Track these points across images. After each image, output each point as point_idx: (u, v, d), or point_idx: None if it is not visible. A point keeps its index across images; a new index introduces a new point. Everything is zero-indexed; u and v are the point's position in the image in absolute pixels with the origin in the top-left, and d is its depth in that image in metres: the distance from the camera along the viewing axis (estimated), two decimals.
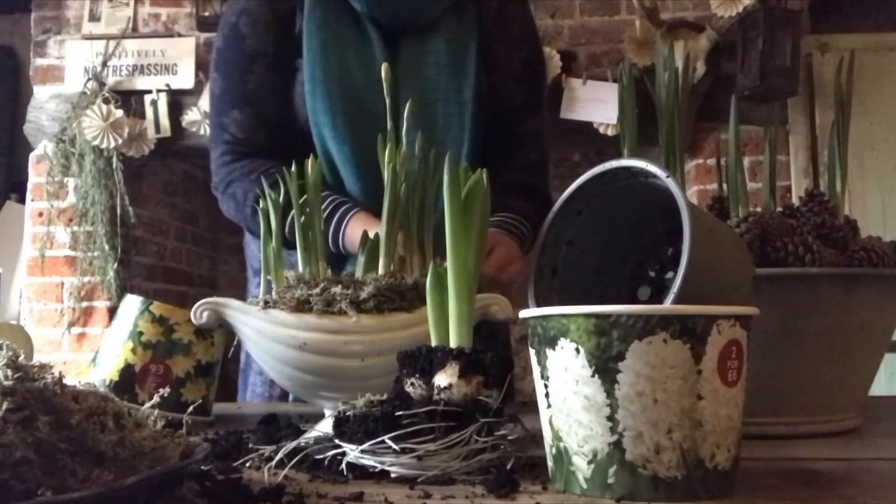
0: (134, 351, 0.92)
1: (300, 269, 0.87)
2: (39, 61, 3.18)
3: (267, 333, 0.81)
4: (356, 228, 1.06)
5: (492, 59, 1.23)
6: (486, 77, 1.22)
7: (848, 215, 0.91)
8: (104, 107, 2.96)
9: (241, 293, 1.35)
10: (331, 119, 1.13)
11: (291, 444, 0.66)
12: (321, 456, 0.64)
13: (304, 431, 0.77)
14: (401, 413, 0.62)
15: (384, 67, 0.94)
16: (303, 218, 0.88)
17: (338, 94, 1.13)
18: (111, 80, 3.06)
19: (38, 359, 0.58)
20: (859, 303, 0.82)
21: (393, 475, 0.61)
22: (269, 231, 0.87)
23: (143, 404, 0.59)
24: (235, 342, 1.29)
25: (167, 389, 0.66)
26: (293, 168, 0.90)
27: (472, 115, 1.17)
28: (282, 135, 1.20)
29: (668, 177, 0.68)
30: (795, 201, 0.91)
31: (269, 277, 0.86)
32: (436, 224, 0.85)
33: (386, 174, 0.86)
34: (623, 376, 0.54)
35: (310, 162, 0.90)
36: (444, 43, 1.17)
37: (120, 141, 2.96)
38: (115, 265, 3.03)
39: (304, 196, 0.89)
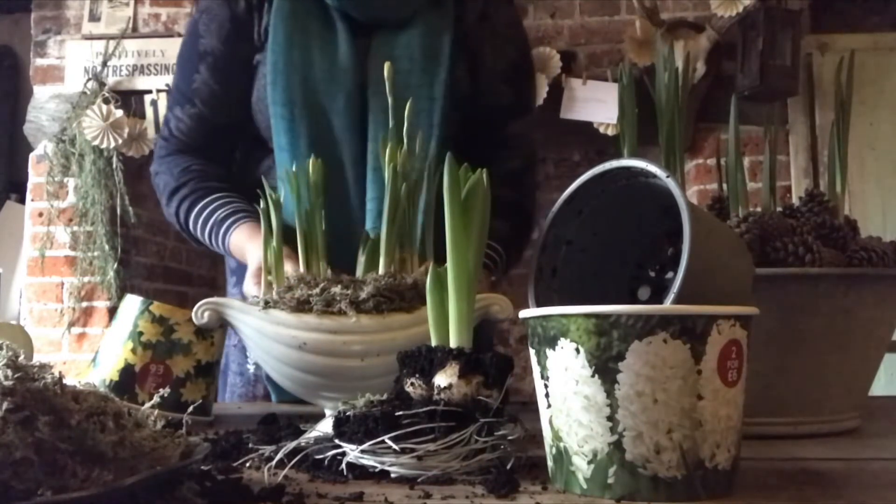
0: (134, 351, 0.92)
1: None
2: (39, 61, 3.18)
3: (267, 333, 0.81)
4: (239, 238, 1.10)
5: (478, 60, 1.23)
6: (472, 78, 1.22)
7: (848, 215, 0.91)
8: (104, 107, 2.96)
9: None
10: (289, 111, 1.13)
11: (291, 444, 0.66)
12: (321, 456, 0.64)
13: (304, 431, 0.77)
14: (401, 413, 0.62)
15: (387, 66, 0.94)
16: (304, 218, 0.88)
17: (297, 86, 1.13)
18: (111, 80, 3.06)
19: (38, 359, 0.58)
20: (859, 303, 0.82)
21: (393, 475, 0.61)
22: (270, 231, 0.87)
23: (143, 404, 0.59)
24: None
25: (167, 389, 0.66)
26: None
27: (442, 111, 1.15)
28: (223, 137, 1.23)
29: (668, 177, 0.68)
30: (795, 201, 0.91)
31: (269, 278, 0.86)
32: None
33: (387, 174, 0.86)
34: (623, 376, 0.54)
35: (311, 162, 0.90)
36: (418, 38, 1.16)
37: (120, 141, 2.96)
38: (115, 265, 3.03)
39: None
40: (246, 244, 1.07)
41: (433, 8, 1.19)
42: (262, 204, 0.90)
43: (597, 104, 2.92)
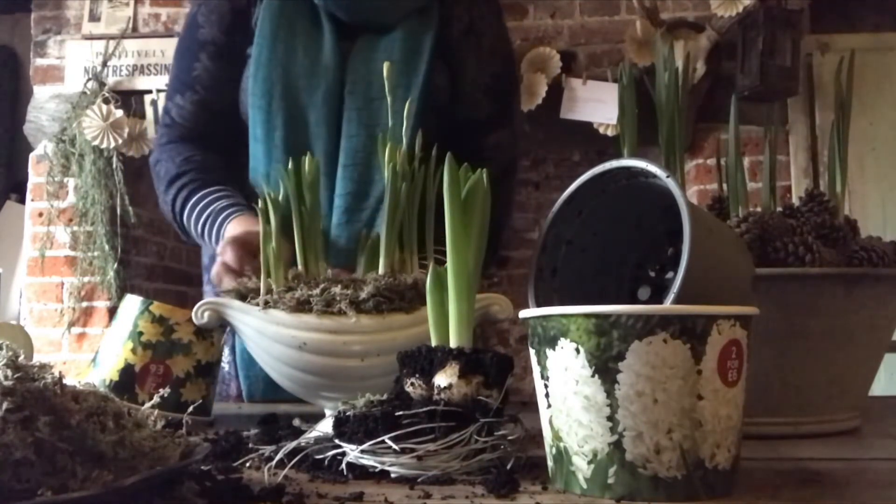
0: (134, 351, 0.92)
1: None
2: (39, 61, 3.18)
3: (267, 333, 0.81)
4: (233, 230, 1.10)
5: (462, 72, 1.25)
6: (454, 88, 1.23)
7: (848, 215, 0.91)
8: (104, 107, 2.97)
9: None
10: (267, 103, 1.15)
11: (291, 444, 0.66)
12: (321, 456, 0.64)
13: (304, 431, 0.77)
14: (401, 413, 0.62)
15: (386, 65, 0.94)
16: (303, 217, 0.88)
17: (277, 80, 1.15)
18: (111, 80, 3.07)
19: (38, 359, 0.58)
20: (859, 303, 0.81)
21: (393, 475, 0.61)
22: (269, 231, 0.87)
23: (143, 404, 0.59)
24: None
25: (167, 389, 0.66)
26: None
27: (416, 111, 1.14)
28: (224, 124, 1.24)
29: (668, 177, 0.68)
30: (795, 201, 0.91)
31: (269, 279, 0.86)
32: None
33: (387, 174, 0.86)
34: (623, 376, 0.54)
35: (307, 160, 0.90)
36: (400, 41, 1.18)
37: (120, 141, 2.96)
38: (115, 265, 3.03)
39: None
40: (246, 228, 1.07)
41: (418, 15, 1.21)
42: (259, 203, 0.90)
43: (597, 104, 2.92)
